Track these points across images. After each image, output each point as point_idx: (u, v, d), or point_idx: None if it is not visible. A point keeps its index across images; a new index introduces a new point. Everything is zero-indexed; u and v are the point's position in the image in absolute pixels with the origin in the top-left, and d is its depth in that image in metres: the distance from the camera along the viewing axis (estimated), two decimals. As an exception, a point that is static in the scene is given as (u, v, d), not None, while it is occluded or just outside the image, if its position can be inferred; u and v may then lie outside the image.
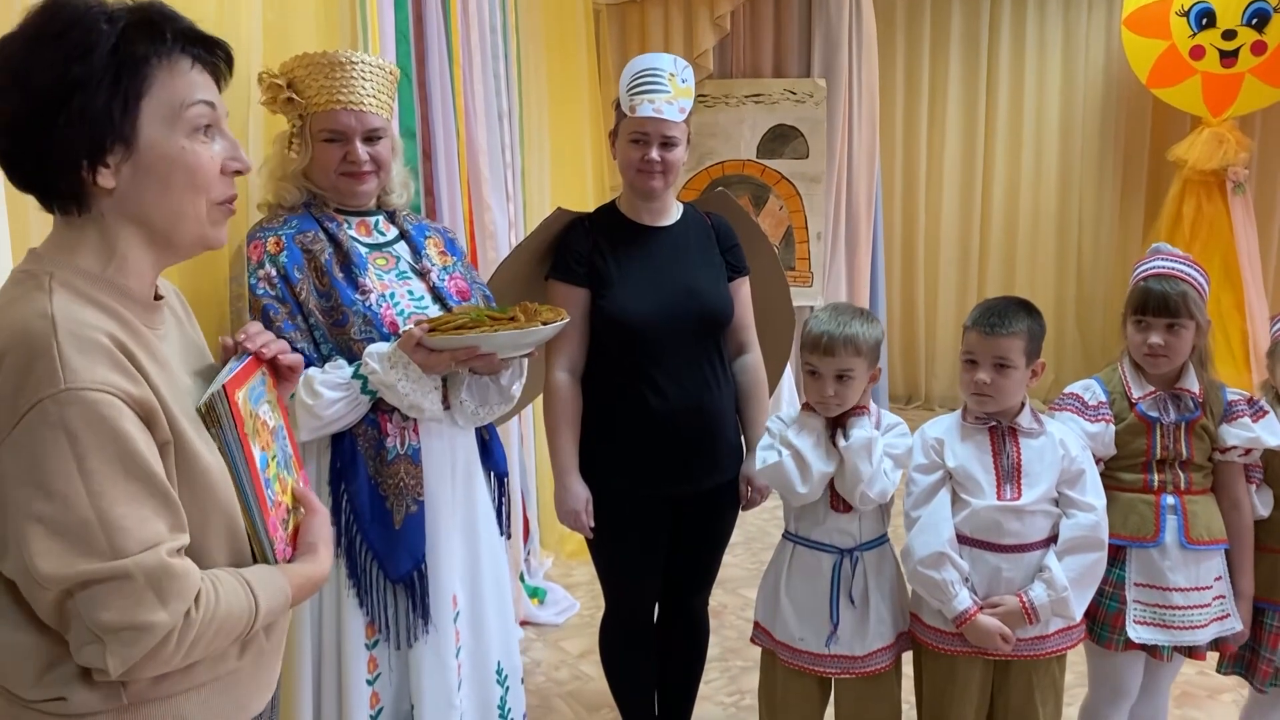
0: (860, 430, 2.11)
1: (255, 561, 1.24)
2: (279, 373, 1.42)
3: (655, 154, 2.26)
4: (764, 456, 2.18)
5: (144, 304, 1.19)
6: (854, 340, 2.12)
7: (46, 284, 1.10)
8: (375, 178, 2.06)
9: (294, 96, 1.97)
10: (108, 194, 1.14)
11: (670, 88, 2.25)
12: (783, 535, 2.29)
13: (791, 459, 2.12)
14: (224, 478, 1.19)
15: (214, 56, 1.20)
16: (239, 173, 1.23)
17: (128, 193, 1.14)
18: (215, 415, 1.20)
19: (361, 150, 2.00)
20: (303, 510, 1.36)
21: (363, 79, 2.00)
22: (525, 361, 2.12)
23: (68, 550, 1.02)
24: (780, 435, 2.18)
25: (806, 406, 2.19)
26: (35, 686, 1.10)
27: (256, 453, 1.25)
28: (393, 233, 2.11)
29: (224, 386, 1.21)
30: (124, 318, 1.14)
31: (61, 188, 1.13)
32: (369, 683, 2.00)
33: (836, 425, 2.16)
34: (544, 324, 1.94)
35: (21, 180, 1.15)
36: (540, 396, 2.47)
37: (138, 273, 1.18)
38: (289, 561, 1.29)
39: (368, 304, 1.95)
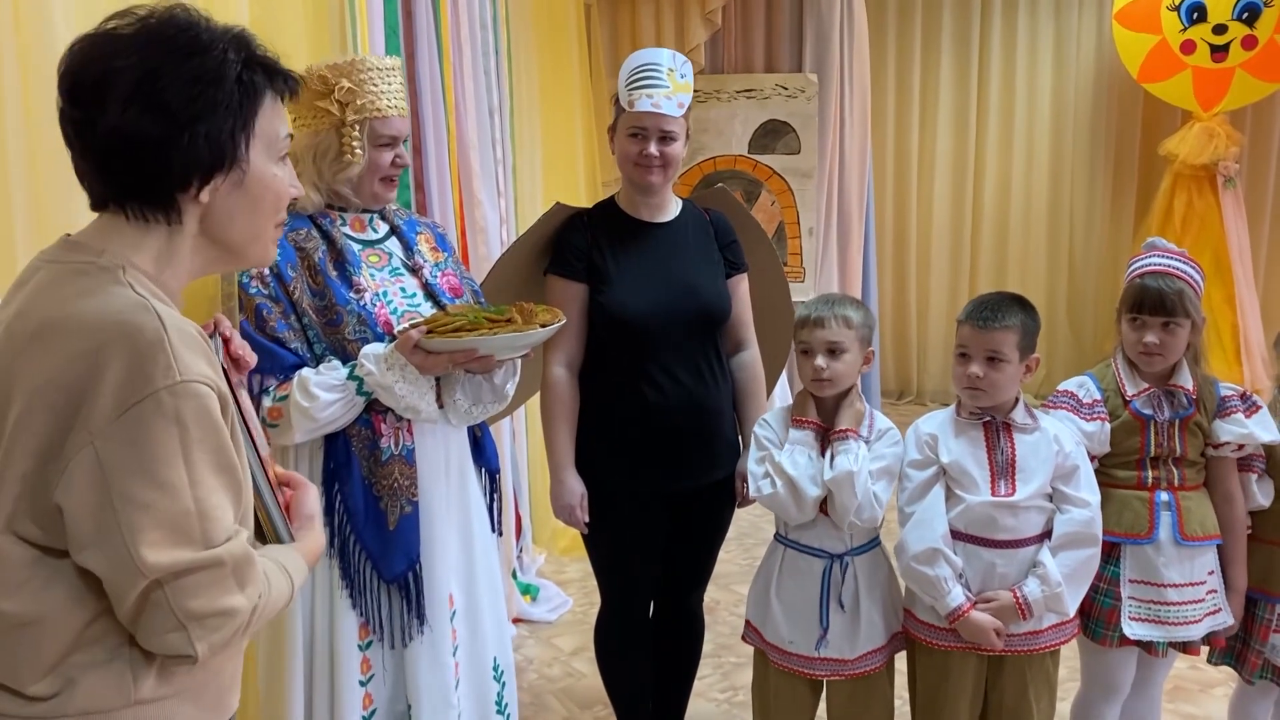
0: (845, 458, 2.08)
1: (264, 542, 1.28)
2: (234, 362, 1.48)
3: (653, 149, 2.26)
4: (758, 485, 2.17)
5: (178, 306, 1.23)
6: (844, 315, 2.13)
7: (122, 277, 1.13)
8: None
9: (358, 101, 1.96)
10: (198, 207, 1.18)
11: (669, 83, 2.25)
12: (774, 537, 2.28)
13: (786, 490, 2.12)
14: (245, 464, 1.22)
15: (291, 89, 1.26)
16: (295, 199, 1.31)
17: (218, 210, 1.19)
18: (225, 401, 1.21)
19: (405, 154, 2.05)
20: (287, 489, 1.39)
21: (402, 84, 2.05)
22: (519, 361, 2.11)
23: (170, 539, 1.06)
24: (771, 459, 2.15)
25: (797, 421, 2.18)
26: (46, 677, 1.10)
27: (257, 433, 1.29)
28: (384, 229, 2.10)
29: (224, 371, 1.24)
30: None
31: (163, 199, 1.16)
32: (361, 684, 1.99)
33: (828, 436, 2.15)
34: (542, 326, 1.94)
35: (121, 189, 1.16)
36: (533, 396, 2.47)
37: (182, 278, 1.22)
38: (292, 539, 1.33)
39: (362, 303, 1.94)
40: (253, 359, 1.50)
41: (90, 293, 1.11)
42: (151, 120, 1.11)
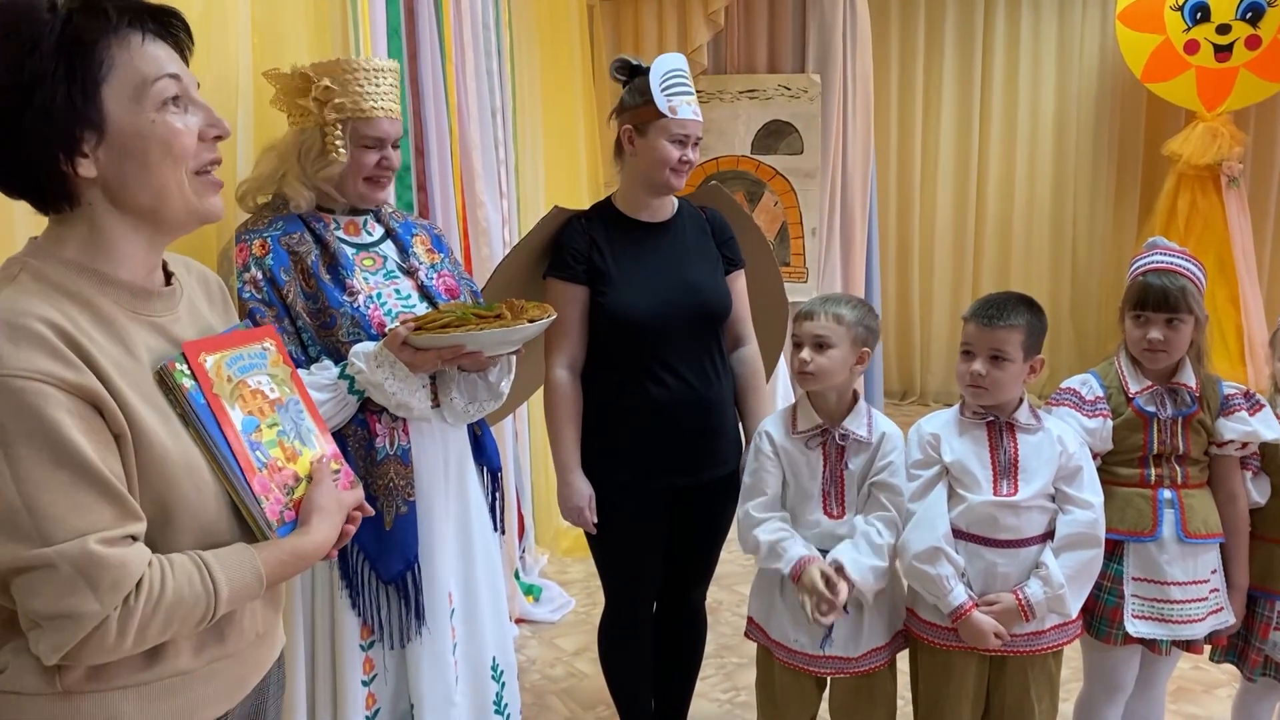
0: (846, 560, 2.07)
1: (244, 532, 1.22)
2: None
3: (691, 154, 2.31)
4: (751, 543, 2.18)
5: (134, 290, 1.19)
6: (836, 311, 2.13)
7: (16, 274, 1.12)
8: (390, 182, 2.09)
9: (337, 100, 1.95)
10: (92, 183, 1.14)
11: (693, 89, 2.33)
12: None
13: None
14: (188, 464, 1.17)
15: (170, 28, 1.18)
16: (219, 138, 1.22)
17: (110, 178, 1.14)
18: (170, 381, 1.18)
19: (394, 156, 2.04)
20: (304, 484, 1.33)
21: (392, 86, 2.03)
22: (514, 358, 2.11)
23: None
24: (765, 542, 2.14)
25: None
26: None
27: (235, 415, 1.24)
28: (379, 232, 2.10)
29: (183, 348, 1.21)
30: (96, 305, 1.14)
31: (48, 186, 1.13)
32: (364, 684, 1.99)
33: (827, 434, 2.15)
34: (530, 321, 1.93)
35: (9, 186, 1.15)
36: (534, 394, 2.47)
37: (128, 258, 1.18)
38: (286, 525, 1.26)
39: (355, 305, 1.94)
40: None
41: None
42: None
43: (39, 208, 1.16)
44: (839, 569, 2.05)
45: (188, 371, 1.20)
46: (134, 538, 1.10)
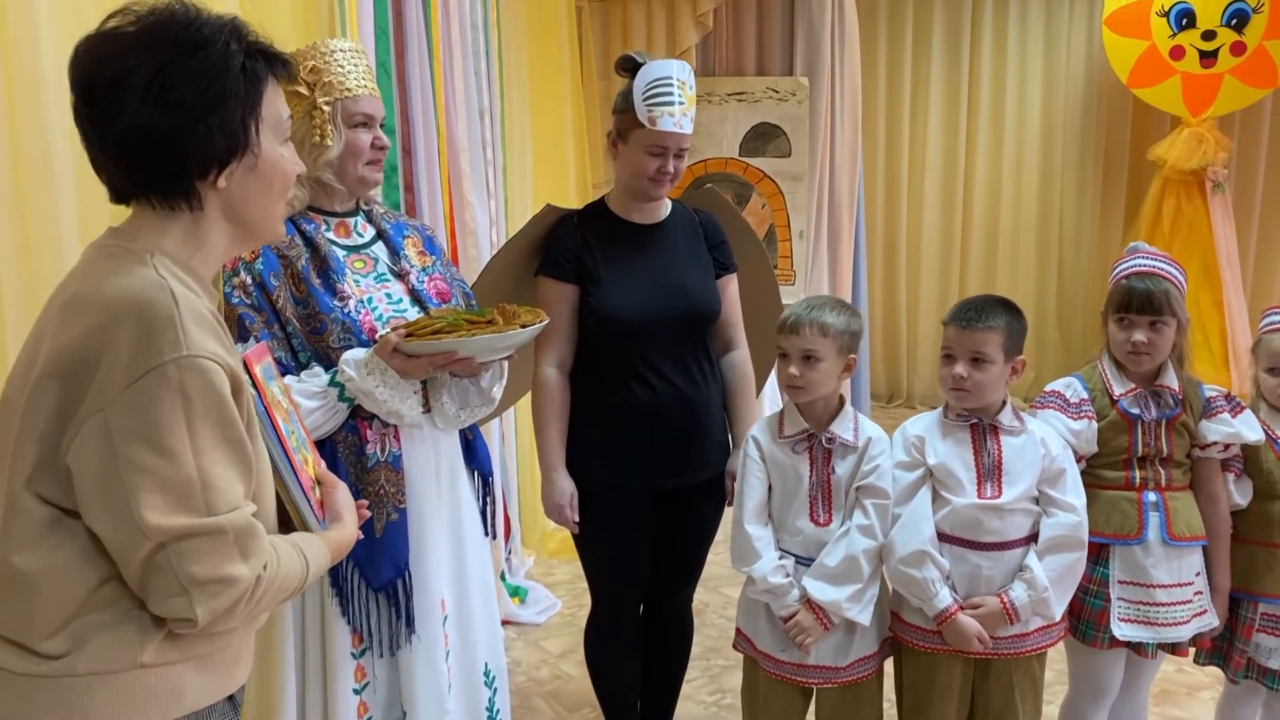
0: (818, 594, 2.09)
1: (287, 530, 1.33)
2: None
3: (670, 165, 2.28)
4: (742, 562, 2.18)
5: (209, 291, 1.29)
6: (821, 322, 2.11)
7: (148, 260, 1.19)
8: (383, 163, 2.06)
9: (324, 80, 1.93)
10: (218, 193, 1.25)
11: (684, 98, 2.26)
12: None
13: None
14: (263, 453, 1.28)
15: (290, 72, 1.33)
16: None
17: (234, 193, 1.25)
18: (238, 383, 1.26)
19: (383, 135, 2.02)
20: (320, 487, 1.45)
21: (369, 67, 2.03)
22: (506, 364, 2.10)
23: (172, 504, 1.11)
24: (760, 582, 2.14)
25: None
26: (57, 635, 1.15)
27: (280, 422, 1.35)
28: (370, 233, 2.07)
29: (244, 358, 1.29)
30: (203, 299, 1.24)
31: (184, 189, 1.22)
32: (356, 691, 1.96)
33: (813, 439, 2.15)
34: (522, 326, 1.92)
35: (143, 182, 1.22)
36: (524, 397, 2.46)
37: (213, 262, 1.29)
38: (321, 522, 1.39)
39: (346, 310, 1.91)
40: None
41: (116, 272, 1.18)
42: (166, 115, 1.17)
43: (152, 202, 1.23)
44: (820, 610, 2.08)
45: (247, 379, 1.28)
46: (255, 513, 1.21)
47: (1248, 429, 2.24)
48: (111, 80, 1.16)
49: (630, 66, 2.30)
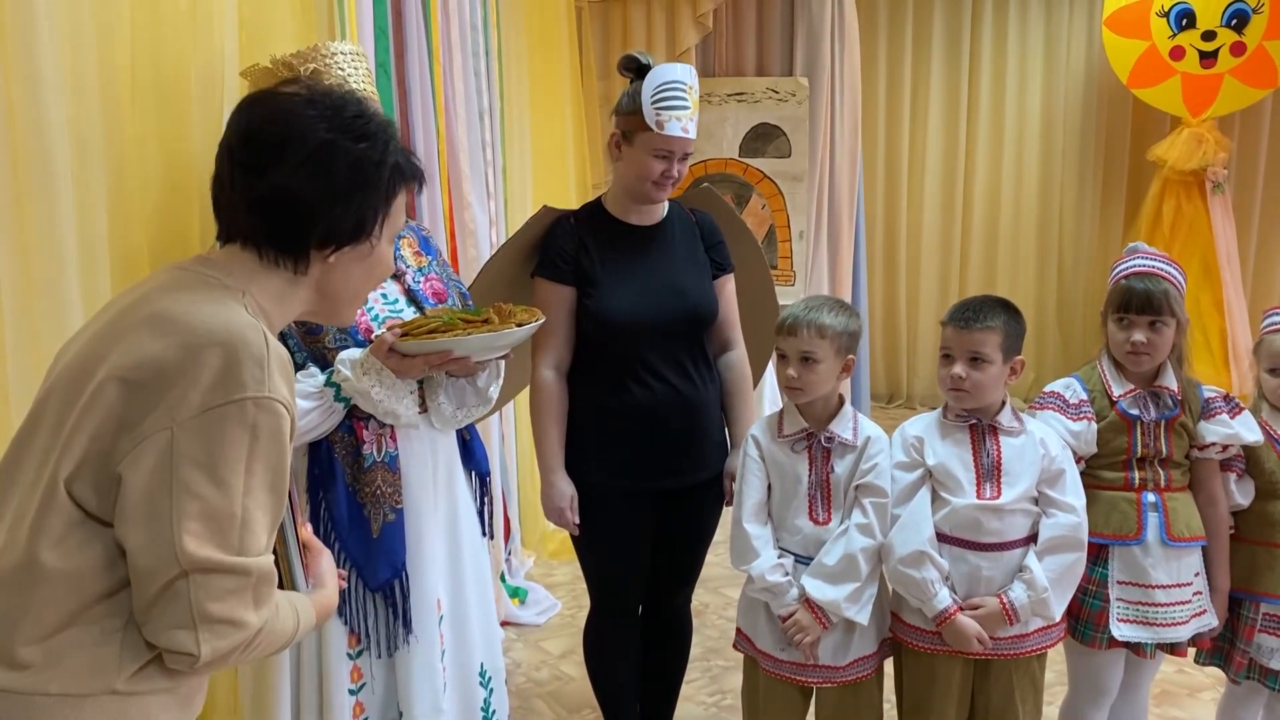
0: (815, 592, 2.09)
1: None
2: None
3: (675, 170, 2.28)
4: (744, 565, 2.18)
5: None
6: (818, 323, 2.10)
7: (241, 299, 1.23)
8: None
9: (324, 80, 1.92)
10: (324, 266, 1.31)
11: (690, 102, 2.27)
12: None
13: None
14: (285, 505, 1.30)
15: (420, 182, 1.40)
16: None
17: (337, 271, 1.32)
18: (294, 434, 1.29)
19: None
20: (306, 551, 1.45)
21: (369, 69, 2.03)
22: (502, 363, 2.10)
23: (209, 535, 1.12)
24: (758, 582, 2.14)
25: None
26: (39, 644, 1.14)
27: (293, 490, 1.35)
28: None
29: None
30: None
31: (299, 252, 1.28)
32: (352, 692, 1.96)
33: (812, 438, 2.15)
34: (518, 325, 1.92)
35: (265, 234, 1.27)
36: (520, 395, 2.46)
37: (285, 319, 1.33)
38: (307, 583, 1.40)
39: None
40: None
41: (210, 301, 1.21)
42: (315, 186, 1.25)
43: (261, 252, 1.28)
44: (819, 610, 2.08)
45: None
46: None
47: (1246, 430, 2.24)
48: (279, 141, 1.24)
49: (634, 67, 2.29)
